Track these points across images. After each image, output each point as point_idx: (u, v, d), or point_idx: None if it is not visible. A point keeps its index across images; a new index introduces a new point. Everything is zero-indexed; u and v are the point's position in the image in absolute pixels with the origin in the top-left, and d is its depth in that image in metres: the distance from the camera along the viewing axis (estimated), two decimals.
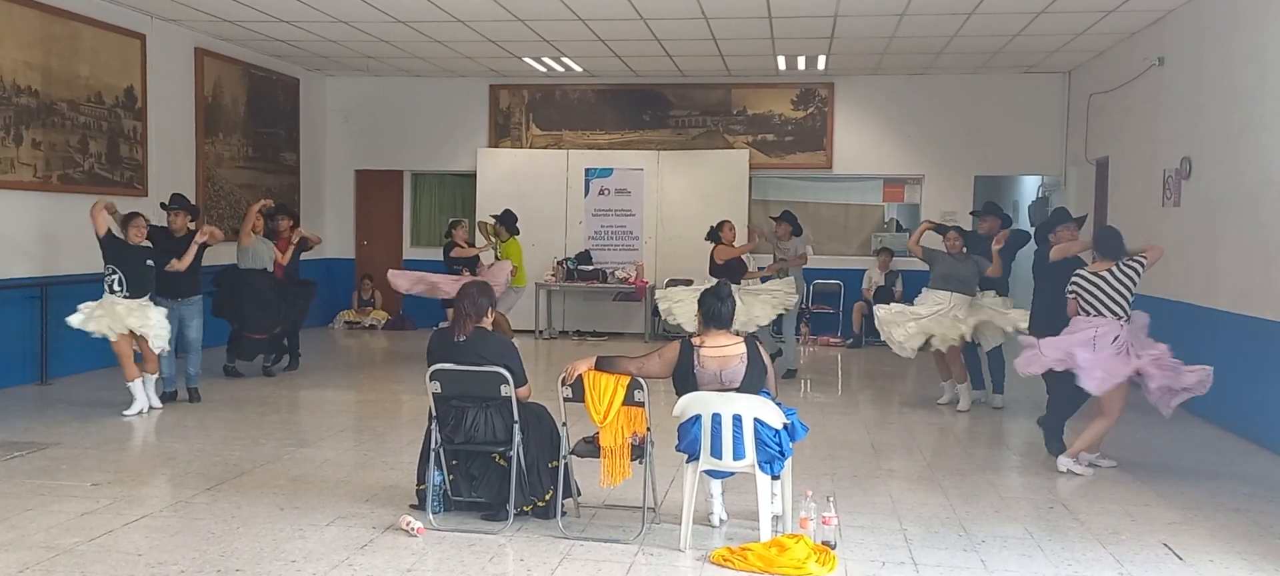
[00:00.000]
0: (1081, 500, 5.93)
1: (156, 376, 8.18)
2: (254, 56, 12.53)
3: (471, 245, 11.49)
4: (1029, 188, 14.60)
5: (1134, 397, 6.76)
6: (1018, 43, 11.01)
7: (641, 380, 4.95)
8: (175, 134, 11.11)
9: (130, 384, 7.91)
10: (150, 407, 8.02)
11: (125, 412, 7.83)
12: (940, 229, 9.03)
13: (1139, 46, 10.17)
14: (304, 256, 10.65)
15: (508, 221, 11.50)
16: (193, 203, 9.22)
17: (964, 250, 8.78)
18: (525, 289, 12.17)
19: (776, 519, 5.00)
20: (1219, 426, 7.97)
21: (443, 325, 6.16)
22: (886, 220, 14.45)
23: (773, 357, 9.47)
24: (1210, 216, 8.38)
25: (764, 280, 10.35)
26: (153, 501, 5.53)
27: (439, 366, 5.10)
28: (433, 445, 5.15)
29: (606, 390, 4.96)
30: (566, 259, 13.57)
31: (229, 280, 9.64)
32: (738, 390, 4.85)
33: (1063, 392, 6.89)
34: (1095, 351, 6.39)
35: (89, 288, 9.63)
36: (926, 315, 8.59)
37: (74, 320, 7.75)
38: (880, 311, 8.90)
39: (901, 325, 8.61)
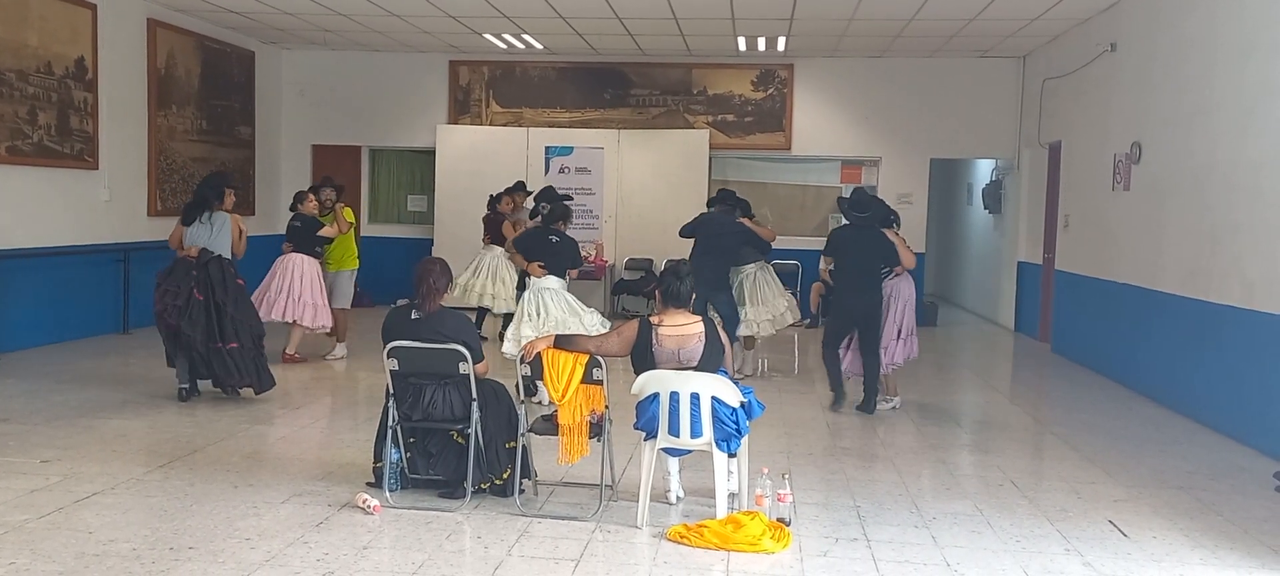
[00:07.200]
0: (1030, 477, 6.06)
1: None
2: (208, 28, 12.29)
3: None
4: (983, 171, 14.78)
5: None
6: (974, 27, 11.12)
7: (600, 358, 4.98)
8: (127, 106, 10.89)
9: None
10: None
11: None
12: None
13: (1092, 32, 10.32)
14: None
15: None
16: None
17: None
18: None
19: (733, 496, 5.06)
20: (1164, 406, 8.15)
21: (400, 302, 6.08)
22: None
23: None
24: (1159, 200, 8.55)
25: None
26: (104, 478, 5.45)
27: (397, 344, 5.09)
28: (390, 422, 5.14)
29: (565, 368, 4.98)
30: None
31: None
32: (695, 369, 4.89)
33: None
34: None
35: (40, 260, 9.48)
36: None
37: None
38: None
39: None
